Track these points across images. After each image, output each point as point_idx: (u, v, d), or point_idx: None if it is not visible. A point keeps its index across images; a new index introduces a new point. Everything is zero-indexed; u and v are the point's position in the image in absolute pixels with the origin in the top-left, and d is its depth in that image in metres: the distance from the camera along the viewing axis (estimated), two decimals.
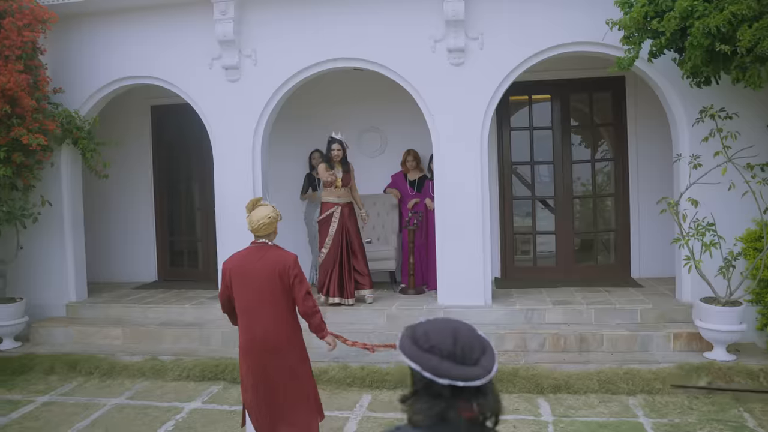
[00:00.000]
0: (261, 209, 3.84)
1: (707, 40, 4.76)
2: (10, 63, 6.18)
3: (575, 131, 7.81)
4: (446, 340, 1.47)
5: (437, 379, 1.43)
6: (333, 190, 6.68)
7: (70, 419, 5.33)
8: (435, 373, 1.43)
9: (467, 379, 1.43)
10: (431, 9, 6.30)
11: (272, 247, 3.85)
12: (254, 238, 3.88)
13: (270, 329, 3.76)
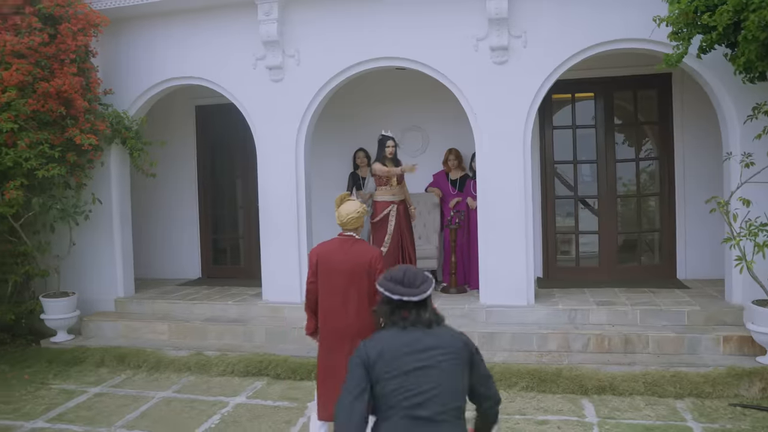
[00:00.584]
0: (349, 204, 4.05)
1: (763, 33, 4.63)
2: (65, 66, 6.41)
3: (619, 130, 7.68)
4: (398, 274, 2.42)
5: (391, 295, 2.36)
6: (388, 188, 6.74)
7: (120, 410, 5.48)
8: (390, 292, 2.36)
9: (409, 295, 2.34)
10: (474, 7, 6.28)
11: (359, 240, 4.07)
12: (341, 231, 4.09)
13: (353, 318, 3.97)
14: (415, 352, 2.28)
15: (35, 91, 6.21)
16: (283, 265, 6.91)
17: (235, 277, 8.65)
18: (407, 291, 2.34)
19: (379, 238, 6.75)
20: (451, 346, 2.33)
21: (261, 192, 7.03)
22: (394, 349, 2.29)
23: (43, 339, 7.20)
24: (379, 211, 6.77)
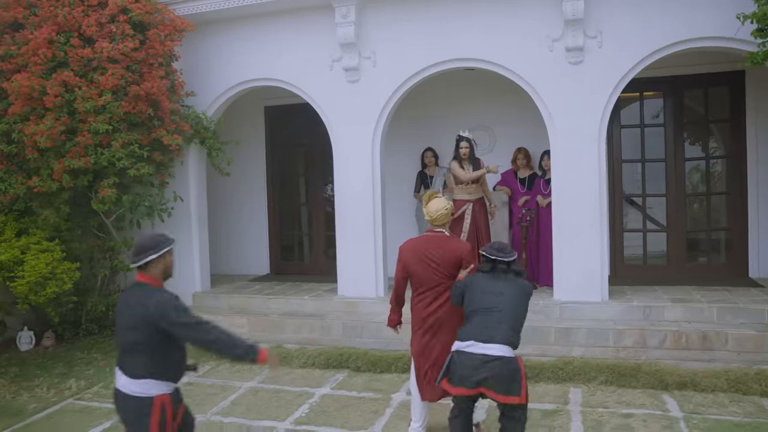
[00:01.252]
0: (437, 201, 4.25)
1: None
2: (154, 70, 6.70)
3: (688, 128, 7.69)
4: (495, 244, 4.06)
5: (489, 256, 3.99)
6: (464, 187, 6.89)
7: (211, 399, 5.74)
8: (488, 254, 4.00)
9: (500, 257, 3.95)
10: (549, 9, 6.39)
11: (450, 237, 4.30)
12: (430, 227, 4.32)
13: (445, 309, 4.22)
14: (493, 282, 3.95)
15: (127, 94, 6.51)
16: (359, 261, 7.12)
17: (302, 273, 8.90)
18: (500, 254, 3.97)
19: (455, 235, 6.91)
20: (517, 286, 3.94)
21: (337, 190, 7.25)
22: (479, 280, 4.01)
23: None
24: (455, 208, 6.93)
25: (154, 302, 3.10)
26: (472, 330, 3.80)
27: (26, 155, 6.31)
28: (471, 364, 3.72)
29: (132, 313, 3.14)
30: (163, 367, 3.15)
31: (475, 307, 3.87)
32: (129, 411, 3.14)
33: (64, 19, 6.40)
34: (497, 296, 3.84)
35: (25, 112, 6.21)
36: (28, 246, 6.63)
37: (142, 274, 3.25)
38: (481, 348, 3.72)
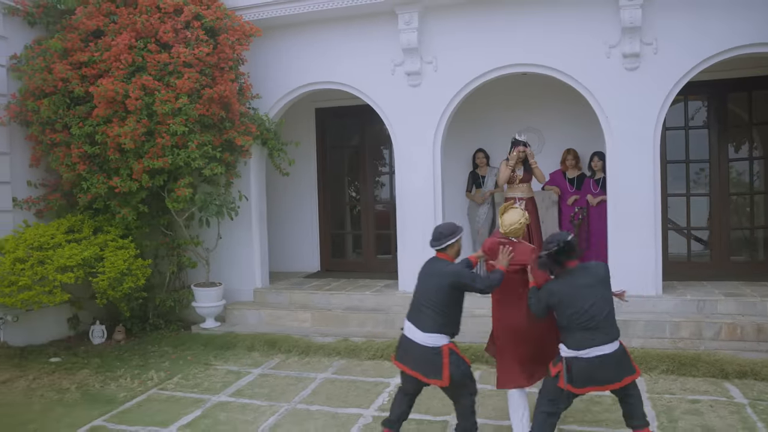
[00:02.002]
0: (513, 213, 4.38)
1: None
2: (225, 73, 6.99)
3: (732, 130, 8.02)
4: (550, 238, 4.06)
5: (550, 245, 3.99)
6: (516, 186, 7.19)
7: (290, 389, 6.01)
8: (549, 243, 4.01)
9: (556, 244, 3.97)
10: (607, 17, 6.70)
11: (520, 242, 4.41)
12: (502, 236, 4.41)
13: (524, 309, 4.32)
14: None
15: (200, 97, 6.80)
16: (420, 257, 7.35)
17: (353, 270, 9.20)
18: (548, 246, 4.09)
19: None
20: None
21: (398, 189, 7.55)
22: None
23: (194, 325, 7.84)
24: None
25: (451, 269, 4.17)
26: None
27: (108, 156, 6.59)
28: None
29: (433, 279, 4.22)
30: (448, 323, 4.17)
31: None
32: (422, 358, 4.14)
33: (143, 26, 6.69)
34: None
35: (108, 115, 6.49)
36: (106, 243, 6.93)
37: (441, 253, 4.29)
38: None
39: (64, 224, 6.95)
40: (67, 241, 6.71)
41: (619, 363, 3.95)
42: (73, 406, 5.68)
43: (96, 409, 5.59)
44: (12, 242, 6.60)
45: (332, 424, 5.11)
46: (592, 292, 3.92)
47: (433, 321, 4.15)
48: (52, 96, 6.61)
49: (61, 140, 6.66)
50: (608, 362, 3.90)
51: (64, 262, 6.42)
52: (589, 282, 3.96)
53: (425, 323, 4.18)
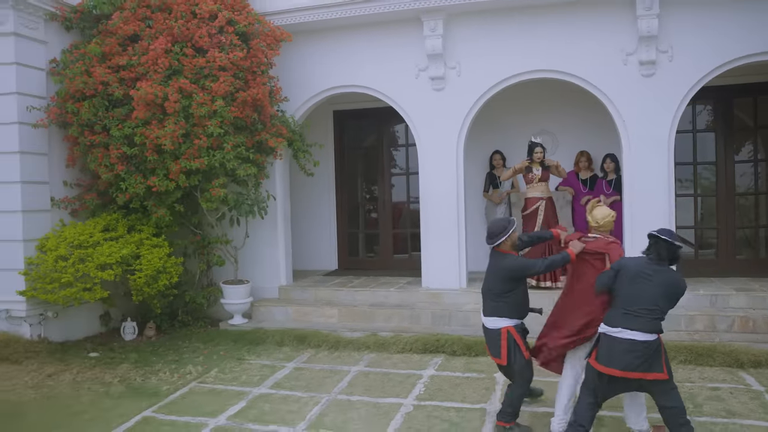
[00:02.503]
0: (602, 209, 4.70)
1: None
2: (258, 77, 7.23)
3: (738, 134, 8.42)
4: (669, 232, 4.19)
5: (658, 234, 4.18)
6: (535, 185, 7.51)
7: (326, 381, 6.25)
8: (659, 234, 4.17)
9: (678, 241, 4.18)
10: (624, 26, 7.07)
11: (601, 238, 4.67)
12: (590, 230, 4.72)
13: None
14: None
15: (234, 100, 7.03)
16: (443, 255, 7.72)
17: (370, 268, 9.47)
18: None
19: (529, 230, 7.53)
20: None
21: (422, 190, 7.84)
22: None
23: (222, 322, 8.05)
24: (528, 205, 7.56)
25: (505, 264, 4.69)
26: None
27: (145, 157, 6.79)
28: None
29: (492, 271, 4.78)
30: (507, 304, 4.71)
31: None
32: (489, 338, 4.79)
33: (179, 31, 6.91)
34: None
35: (146, 117, 6.69)
36: (141, 242, 7.13)
37: (498, 248, 4.77)
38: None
39: (100, 223, 7.14)
40: (105, 240, 6.90)
41: (648, 355, 4.10)
42: (120, 398, 5.87)
43: (142, 401, 5.79)
44: (53, 240, 6.78)
45: (375, 413, 5.35)
46: (653, 287, 4.14)
47: (493, 307, 4.74)
48: (92, 99, 6.79)
49: (100, 141, 6.84)
50: (636, 349, 4.07)
51: (104, 260, 6.61)
52: (657, 280, 4.17)
53: (487, 308, 4.81)
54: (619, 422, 4.83)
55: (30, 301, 6.87)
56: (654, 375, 4.11)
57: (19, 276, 6.81)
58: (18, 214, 6.78)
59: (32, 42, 6.92)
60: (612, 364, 4.12)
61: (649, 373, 4.09)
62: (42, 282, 6.64)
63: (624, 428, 4.71)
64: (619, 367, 4.11)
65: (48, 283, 6.61)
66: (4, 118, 6.73)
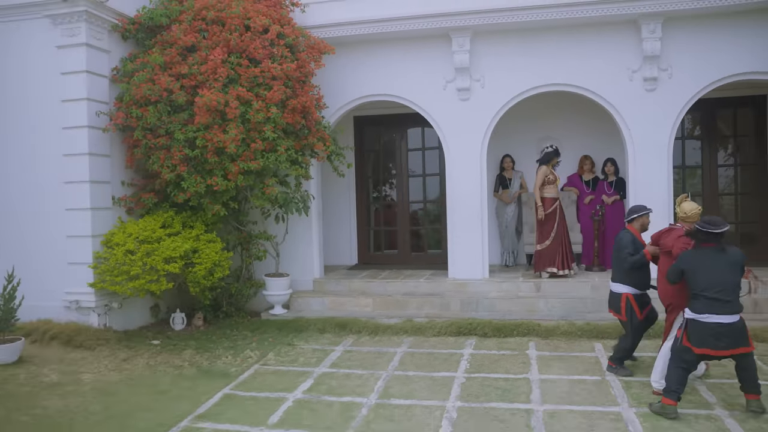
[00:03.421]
0: (689, 203, 5.53)
1: None
2: (305, 86, 7.90)
3: (720, 141, 9.56)
4: (707, 219, 4.94)
5: (703, 228, 4.90)
6: (552, 187, 8.42)
7: (378, 361, 6.95)
8: (702, 226, 4.90)
9: (714, 229, 4.86)
10: (630, 46, 8.05)
11: (678, 229, 5.49)
12: (673, 222, 5.61)
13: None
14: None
15: (285, 107, 7.68)
16: (468, 248, 8.55)
17: (389, 263, 10.21)
18: (713, 228, 4.88)
19: (549, 228, 8.44)
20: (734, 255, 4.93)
21: (449, 190, 8.66)
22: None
23: (263, 312, 8.66)
24: (548, 205, 8.46)
25: (620, 242, 5.91)
26: None
27: (206, 159, 7.36)
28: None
29: (617, 244, 5.93)
30: (630, 277, 5.88)
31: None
32: (611, 299, 6.07)
33: (235, 43, 7.52)
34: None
35: (207, 122, 7.27)
36: (198, 237, 7.69)
37: (629, 225, 6.01)
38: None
39: (158, 220, 7.66)
40: (166, 236, 7.44)
41: (735, 334, 4.84)
42: (195, 379, 6.45)
43: (216, 381, 6.37)
44: (120, 236, 7.28)
45: (434, 384, 6.11)
46: (725, 271, 4.86)
47: (616, 275, 6.03)
48: (157, 104, 7.33)
49: (162, 144, 7.38)
50: (725, 330, 4.80)
51: (170, 254, 7.16)
52: (725, 262, 4.88)
53: (613, 275, 6.09)
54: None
55: (98, 293, 7.35)
56: (741, 349, 4.90)
57: (86, 269, 7.30)
58: (87, 211, 7.27)
59: (98, 51, 7.42)
60: (704, 345, 4.85)
61: (737, 348, 4.88)
62: (111, 275, 7.14)
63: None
64: (712, 348, 4.86)
65: (116, 275, 7.11)
66: (76, 122, 7.23)
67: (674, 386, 4.99)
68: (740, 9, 7.68)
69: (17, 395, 5.84)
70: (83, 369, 6.60)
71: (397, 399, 5.70)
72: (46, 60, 7.35)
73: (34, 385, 6.11)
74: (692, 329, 4.95)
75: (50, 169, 7.40)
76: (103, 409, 5.61)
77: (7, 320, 6.42)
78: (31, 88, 7.43)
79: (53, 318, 7.34)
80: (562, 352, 6.99)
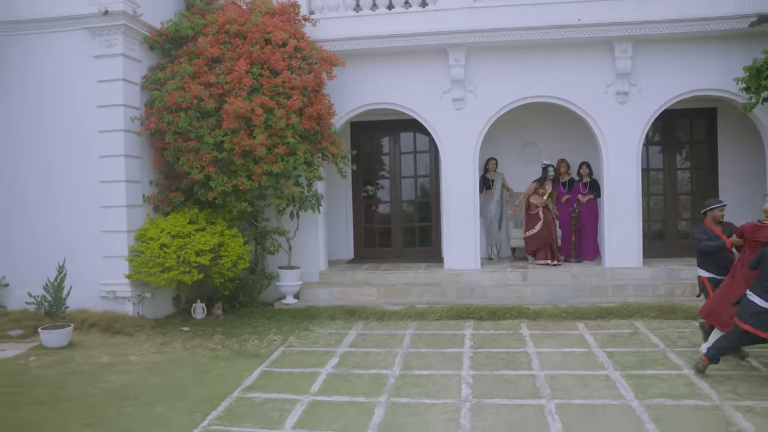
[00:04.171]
0: None
1: None
2: (319, 95, 8.72)
3: (678, 147, 10.84)
4: None
5: None
6: (539, 197, 9.56)
7: (390, 341, 7.82)
8: None
9: None
10: (605, 64, 9.20)
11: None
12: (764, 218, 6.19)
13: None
14: None
15: (302, 114, 8.46)
16: (462, 242, 9.52)
17: (383, 257, 11.08)
18: None
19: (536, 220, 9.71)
20: None
21: (444, 189, 9.65)
22: None
23: (276, 301, 9.41)
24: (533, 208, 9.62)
25: (696, 232, 6.72)
26: None
27: (232, 160, 8.08)
28: None
29: (694, 234, 6.76)
30: (710, 263, 6.61)
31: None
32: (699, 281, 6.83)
33: (257, 55, 8.27)
34: None
35: (234, 127, 8.00)
36: (222, 233, 8.40)
37: (705, 218, 6.69)
38: None
39: (185, 217, 8.33)
40: (194, 231, 8.12)
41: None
42: (230, 359, 7.17)
43: (251, 360, 7.10)
44: (153, 231, 7.94)
45: (446, 358, 7.01)
46: None
47: (697, 260, 6.82)
48: (187, 110, 8.01)
49: (192, 147, 8.06)
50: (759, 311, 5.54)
51: (201, 247, 7.86)
52: None
53: (698, 261, 6.83)
54: None
55: (132, 284, 7.98)
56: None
57: (121, 262, 7.92)
58: (123, 208, 7.91)
59: (132, 61, 8.07)
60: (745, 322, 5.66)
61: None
62: (146, 267, 7.78)
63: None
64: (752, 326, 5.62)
65: (151, 267, 7.76)
66: (113, 126, 7.87)
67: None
68: (700, 35, 8.93)
69: (81, 373, 6.48)
70: (128, 351, 7.25)
71: (418, 370, 6.58)
72: (83, 68, 7.97)
73: (92, 365, 6.75)
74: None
75: (86, 170, 8.02)
76: (159, 383, 6.30)
77: (58, 307, 7.01)
78: (67, 95, 8.03)
79: (89, 308, 7.92)
80: (551, 331, 8.01)
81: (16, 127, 8.29)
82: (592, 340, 7.45)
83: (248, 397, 5.93)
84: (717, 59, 8.97)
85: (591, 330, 7.90)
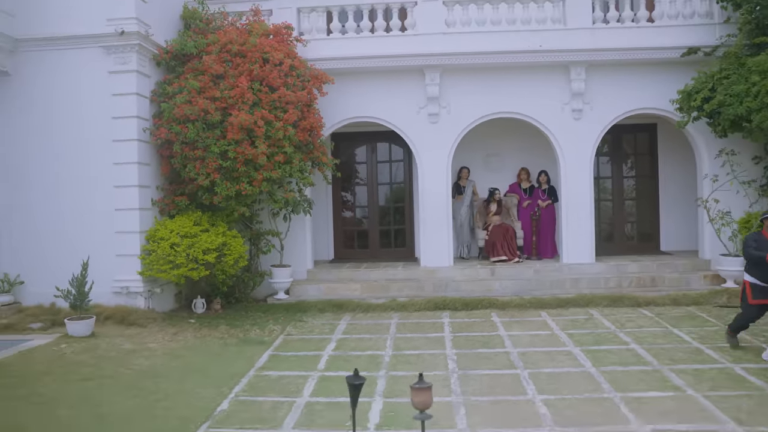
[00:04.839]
0: None
1: (731, 118, 9.20)
2: (312, 109, 9.66)
3: (624, 158, 12.26)
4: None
5: None
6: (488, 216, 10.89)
7: (378, 328, 8.77)
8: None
9: None
10: (561, 85, 10.49)
11: None
12: None
13: None
14: None
15: (297, 127, 9.39)
16: (436, 241, 10.62)
17: (361, 258, 12.05)
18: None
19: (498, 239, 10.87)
20: None
21: (420, 193, 10.75)
22: None
23: (269, 297, 10.27)
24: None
25: (747, 236, 6.92)
26: None
27: (236, 168, 8.93)
28: None
29: (744, 242, 6.92)
30: (754, 270, 6.77)
31: None
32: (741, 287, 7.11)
33: (257, 73, 9.16)
34: None
35: (238, 138, 8.86)
36: (224, 233, 9.22)
37: (762, 226, 7.04)
38: None
39: (191, 219, 9.12)
40: (200, 231, 8.93)
41: None
42: (239, 346, 8.02)
43: (257, 346, 7.96)
44: (163, 231, 8.71)
45: (430, 341, 8.04)
46: None
47: (745, 266, 6.98)
48: (195, 122, 8.82)
49: (198, 155, 8.88)
50: None
51: (207, 246, 8.67)
52: None
53: (744, 267, 7.03)
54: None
55: (144, 280, 8.72)
56: None
57: (134, 260, 8.66)
58: (136, 211, 8.66)
59: (143, 76, 8.85)
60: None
61: None
62: (157, 264, 8.55)
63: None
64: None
65: (162, 264, 8.53)
66: (127, 135, 8.63)
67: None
68: (643, 62, 10.34)
69: (111, 357, 7.24)
70: (146, 340, 8.01)
71: (408, 351, 7.59)
72: (98, 83, 8.70)
73: (117, 350, 7.50)
74: None
75: (100, 176, 8.72)
76: (181, 366, 7.12)
77: (82, 300, 7.73)
78: (84, 107, 8.75)
79: (102, 302, 8.61)
80: (518, 318, 9.15)
81: (31, 139, 8.95)
82: (554, 324, 8.61)
83: (264, 375, 6.80)
84: (656, 83, 10.37)
85: (553, 317, 9.07)
